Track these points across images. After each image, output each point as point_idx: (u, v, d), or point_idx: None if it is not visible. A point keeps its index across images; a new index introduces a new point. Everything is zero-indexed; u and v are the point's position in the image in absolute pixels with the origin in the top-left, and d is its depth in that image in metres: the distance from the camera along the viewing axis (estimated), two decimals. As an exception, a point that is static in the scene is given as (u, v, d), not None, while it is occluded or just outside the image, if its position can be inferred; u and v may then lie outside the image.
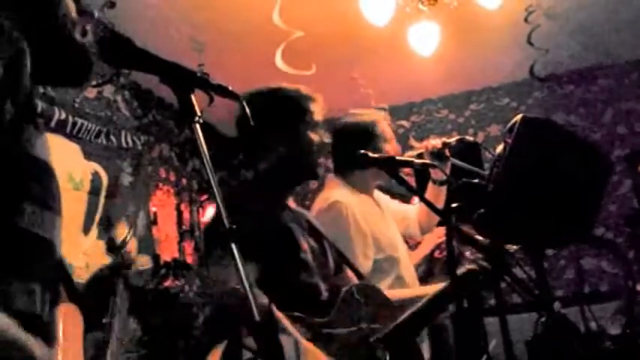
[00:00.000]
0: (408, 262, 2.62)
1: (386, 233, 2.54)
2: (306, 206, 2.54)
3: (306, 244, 1.89)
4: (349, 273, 2.05)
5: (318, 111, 1.99)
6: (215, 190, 1.16)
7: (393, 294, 2.07)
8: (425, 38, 4.13)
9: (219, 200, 1.15)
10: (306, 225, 2.01)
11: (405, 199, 3.64)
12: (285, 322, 1.54)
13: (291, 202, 2.01)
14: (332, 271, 1.98)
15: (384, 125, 2.68)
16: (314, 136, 1.97)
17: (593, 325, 2.41)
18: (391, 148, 2.63)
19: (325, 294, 1.85)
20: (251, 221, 1.65)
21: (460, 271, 2.01)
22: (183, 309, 4.66)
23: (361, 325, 1.80)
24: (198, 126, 1.25)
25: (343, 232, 2.30)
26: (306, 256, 1.84)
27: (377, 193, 2.79)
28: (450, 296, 1.97)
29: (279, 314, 1.52)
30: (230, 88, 1.34)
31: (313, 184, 4.70)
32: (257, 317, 1.03)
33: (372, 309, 1.87)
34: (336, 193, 2.47)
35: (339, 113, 2.65)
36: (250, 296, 1.06)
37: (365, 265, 2.31)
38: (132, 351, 4.10)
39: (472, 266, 2.04)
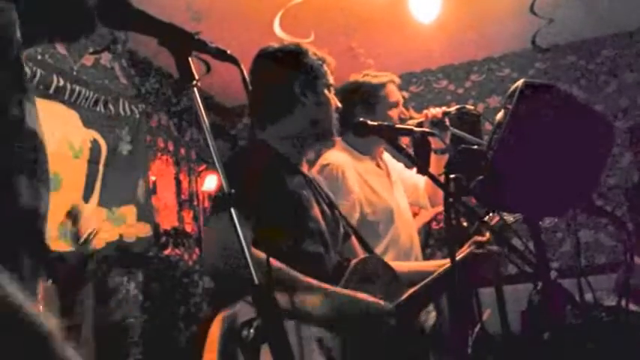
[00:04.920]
0: (408, 228, 2.61)
1: (384, 196, 2.53)
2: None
3: (318, 211, 1.86)
4: (354, 242, 2.04)
5: (330, 73, 1.97)
6: (213, 152, 1.15)
7: (400, 266, 2.07)
8: (426, 5, 4.08)
9: (217, 163, 1.15)
10: (321, 192, 1.99)
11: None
12: (283, 270, 1.56)
13: (304, 167, 1.98)
14: (341, 239, 1.97)
15: (393, 89, 2.65)
16: (331, 97, 1.95)
17: (588, 296, 2.42)
18: (396, 114, 2.61)
19: (332, 263, 1.84)
20: (258, 186, 1.64)
21: (461, 256, 2.01)
22: (183, 277, 4.70)
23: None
24: (196, 90, 1.23)
25: (333, 192, 2.29)
26: (313, 225, 1.81)
27: (388, 158, 2.78)
28: (451, 277, 1.97)
29: (276, 264, 1.53)
30: (228, 51, 1.32)
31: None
32: (256, 280, 1.04)
33: (380, 283, 1.87)
34: (332, 156, 2.45)
35: (337, 82, 2.64)
36: (249, 260, 1.06)
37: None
38: (133, 316, 4.15)
39: (476, 250, 2.04)
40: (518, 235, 2.05)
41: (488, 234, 2.12)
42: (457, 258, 1.90)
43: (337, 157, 2.45)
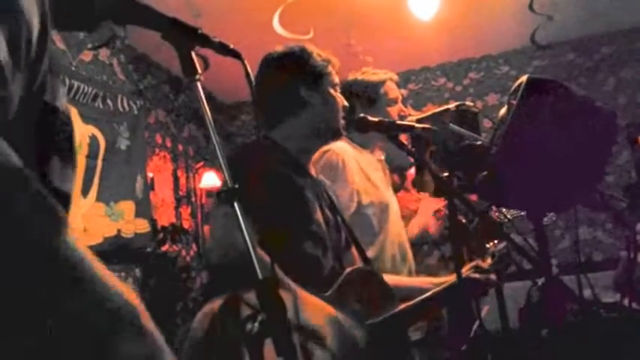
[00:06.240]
0: (400, 229, 2.60)
1: (381, 190, 2.52)
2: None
3: (320, 214, 1.85)
4: (354, 252, 2.04)
5: (335, 73, 1.97)
6: (217, 145, 1.15)
7: (393, 280, 2.06)
8: (425, 2, 4.08)
9: (220, 157, 1.14)
10: (324, 195, 1.98)
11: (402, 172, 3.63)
12: (285, 278, 1.55)
13: (310, 168, 1.98)
14: (343, 246, 1.97)
15: (392, 86, 2.64)
16: (337, 95, 1.96)
17: (587, 292, 2.43)
18: (395, 111, 2.60)
19: (328, 269, 1.82)
20: (263, 182, 1.64)
21: (464, 274, 2.00)
22: (181, 272, 4.69)
23: (357, 309, 1.79)
24: (199, 84, 1.22)
25: (331, 179, 2.28)
26: (315, 228, 1.80)
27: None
28: (450, 296, 1.96)
29: (279, 272, 1.52)
30: (231, 46, 1.31)
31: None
32: (260, 275, 1.04)
33: (371, 295, 1.86)
34: (332, 144, 2.45)
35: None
36: (253, 254, 1.05)
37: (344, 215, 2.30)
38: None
39: (475, 276, 2.03)
40: (519, 232, 2.05)
41: (490, 260, 2.12)
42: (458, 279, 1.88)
43: (338, 145, 2.44)
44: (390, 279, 1.99)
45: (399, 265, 2.47)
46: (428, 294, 1.95)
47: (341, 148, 2.42)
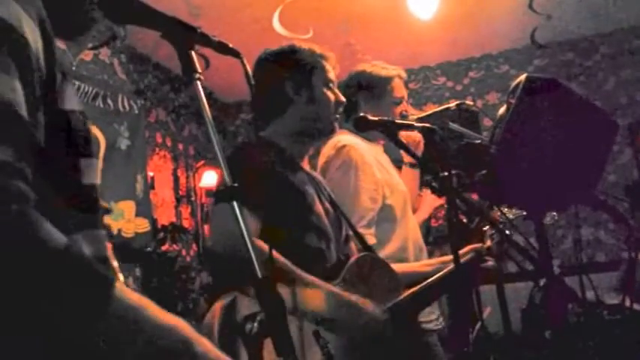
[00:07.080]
0: (414, 219, 2.59)
1: (399, 180, 2.51)
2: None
3: (321, 207, 1.86)
4: (352, 244, 2.04)
5: (331, 69, 1.96)
6: (216, 144, 1.14)
7: (399, 267, 2.06)
8: (425, 1, 4.07)
9: (219, 155, 1.13)
10: (322, 189, 1.98)
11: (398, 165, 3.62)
12: (285, 264, 1.56)
13: (305, 164, 1.98)
14: (343, 238, 1.97)
15: (399, 84, 2.61)
16: (330, 93, 1.95)
17: (590, 294, 2.42)
18: (398, 110, 2.58)
19: (332, 260, 1.83)
20: (261, 180, 1.64)
21: (464, 259, 2.00)
22: (181, 272, 4.69)
23: (365, 296, 1.80)
24: (198, 83, 1.22)
25: (351, 177, 2.25)
26: (316, 220, 1.81)
27: None
28: (453, 281, 1.96)
29: (280, 260, 1.54)
30: (230, 45, 1.31)
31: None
32: (259, 274, 1.03)
33: (377, 281, 1.86)
34: (344, 137, 2.40)
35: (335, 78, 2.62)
36: (252, 253, 1.05)
37: (369, 214, 2.28)
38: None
39: (473, 258, 2.04)
40: (520, 232, 2.04)
41: (489, 242, 2.11)
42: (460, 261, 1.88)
43: (351, 139, 2.40)
44: (396, 266, 2.00)
45: (418, 255, 2.45)
46: (428, 281, 1.96)
47: (355, 142, 2.39)
